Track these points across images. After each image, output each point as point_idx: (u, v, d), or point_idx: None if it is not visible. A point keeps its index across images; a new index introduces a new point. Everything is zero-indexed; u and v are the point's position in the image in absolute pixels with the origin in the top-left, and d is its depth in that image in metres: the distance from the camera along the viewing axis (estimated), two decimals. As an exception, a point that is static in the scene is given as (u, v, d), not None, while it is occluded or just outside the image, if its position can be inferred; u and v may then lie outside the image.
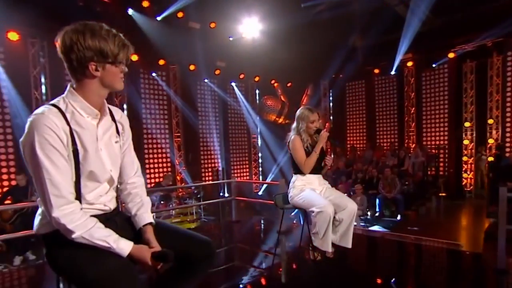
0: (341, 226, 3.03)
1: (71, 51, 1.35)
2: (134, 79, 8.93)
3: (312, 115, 3.14)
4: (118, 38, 1.44)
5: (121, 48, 1.43)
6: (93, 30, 1.39)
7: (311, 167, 3.10)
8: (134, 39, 6.02)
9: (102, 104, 1.49)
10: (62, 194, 1.31)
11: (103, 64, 1.40)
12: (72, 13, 7.37)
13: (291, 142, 3.14)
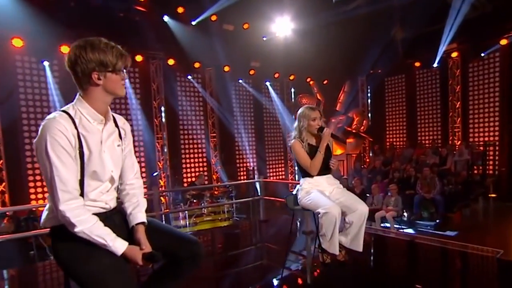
0: (351, 229, 2.97)
1: (76, 64, 1.53)
2: (171, 83, 9.35)
3: (313, 112, 3.07)
4: (115, 49, 1.60)
5: (119, 58, 1.60)
6: (93, 44, 1.56)
7: (318, 168, 3.02)
8: (170, 44, 6.39)
9: (107, 110, 1.66)
10: (68, 189, 1.48)
11: (104, 73, 1.57)
12: (115, 24, 7.93)
13: (292, 148, 3.10)
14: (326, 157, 3.08)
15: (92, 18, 7.66)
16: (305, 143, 3.05)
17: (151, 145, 9.00)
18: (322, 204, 2.87)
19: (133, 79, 8.94)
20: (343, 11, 9.20)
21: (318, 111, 3.12)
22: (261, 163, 10.60)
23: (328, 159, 3.11)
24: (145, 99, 9.04)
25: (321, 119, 3.08)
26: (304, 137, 3.06)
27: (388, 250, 4.22)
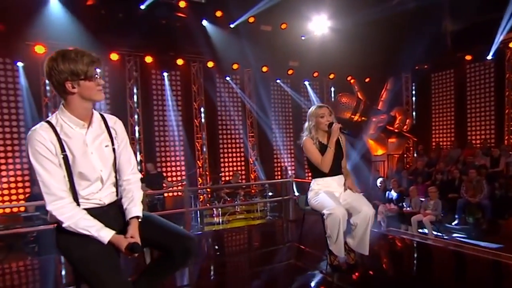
0: (357, 231, 2.93)
1: (50, 76, 1.66)
2: (210, 84, 9.71)
3: (321, 109, 3.07)
4: (86, 57, 1.67)
5: (90, 65, 1.67)
6: (64, 55, 1.64)
7: (329, 164, 2.99)
8: (209, 47, 6.69)
9: (89, 115, 1.77)
10: (52, 192, 1.65)
11: (77, 81, 1.66)
12: (158, 31, 8.45)
13: (303, 146, 3.09)
14: (337, 155, 3.05)
15: (138, 27, 8.21)
16: (315, 141, 3.05)
17: (191, 145, 9.43)
18: (327, 205, 2.87)
19: (174, 81, 9.45)
20: (386, 7, 8.88)
21: (327, 107, 3.11)
22: (298, 163, 10.60)
23: (339, 157, 3.09)
24: (186, 101, 9.51)
25: (330, 116, 3.07)
26: (314, 135, 3.07)
27: (422, 258, 3.99)
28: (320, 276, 3.28)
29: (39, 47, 7.50)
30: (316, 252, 3.94)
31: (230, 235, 5.83)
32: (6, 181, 7.57)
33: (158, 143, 9.13)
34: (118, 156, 1.86)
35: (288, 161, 10.70)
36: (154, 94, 9.13)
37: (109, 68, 8.60)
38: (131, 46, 8.58)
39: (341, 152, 3.10)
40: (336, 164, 3.05)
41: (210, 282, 3.55)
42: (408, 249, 4.38)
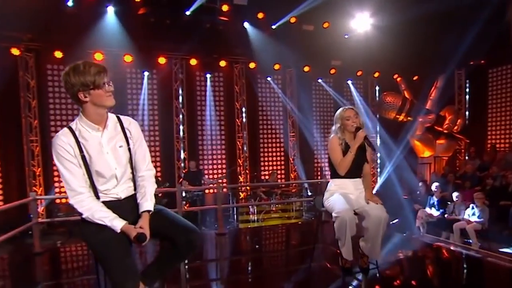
0: (368, 235, 2.93)
1: (66, 88, 1.92)
2: (252, 85, 9.95)
3: (346, 111, 3.10)
4: (93, 68, 1.89)
5: (97, 75, 1.88)
6: (74, 69, 1.88)
7: (347, 168, 3.02)
8: (251, 49, 6.93)
9: (104, 119, 2.00)
10: (72, 188, 1.92)
11: (88, 91, 1.89)
12: (203, 35, 8.84)
13: (329, 143, 3.15)
14: (358, 161, 3.06)
15: (183, 31, 8.72)
16: (342, 142, 3.08)
17: (232, 144, 9.75)
18: (337, 207, 2.90)
19: (217, 82, 9.83)
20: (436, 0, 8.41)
21: (352, 110, 3.13)
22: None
23: (360, 163, 3.09)
24: (228, 101, 9.84)
25: (357, 118, 3.08)
26: (341, 137, 3.09)
27: (460, 269, 3.83)
28: (349, 280, 3.26)
29: (98, 55, 8.27)
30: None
31: (262, 233, 6.02)
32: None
33: (200, 142, 9.59)
34: (133, 154, 2.08)
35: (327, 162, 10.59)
36: (198, 95, 9.58)
37: (157, 71, 9.23)
38: (177, 50, 9.10)
39: (362, 158, 3.12)
40: (355, 168, 3.07)
41: (240, 278, 3.74)
42: (444, 257, 4.20)
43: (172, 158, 9.26)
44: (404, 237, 5.32)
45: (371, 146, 3.12)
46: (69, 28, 7.65)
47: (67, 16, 7.76)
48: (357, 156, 3.06)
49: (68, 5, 7.75)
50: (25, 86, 8.17)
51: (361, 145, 3.09)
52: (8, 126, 7.99)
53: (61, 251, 5.37)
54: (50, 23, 7.54)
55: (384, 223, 2.91)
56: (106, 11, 8.07)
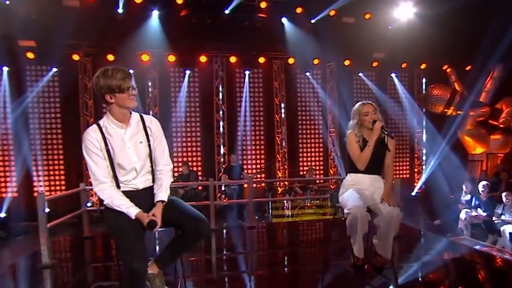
0: (380, 232, 2.90)
1: (96, 89, 2.18)
2: (291, 80, 9.97)
3: (365, 107, 3.03)
4: (120, 73, 2.12)
5: (123, 80, 2.12)
6: (103, 74, 2.12)
7: (365, 162, 2.97)
8: (290, 44, 7.14)
9: (127, 118, 2.24)
10: (96, 178, 2.19)
11: (113, 94, 2.13)
12: (241, 32, 9.07)
13: (346, 140, 3.11)
14: (377, 156, 3.00)
15: (223, 30, 9.01)
16: (359, 138, 3.03)
17: (271, 139, 9.86)
18: (348, 204, 2.87)
19: (256, 79, 10.00)
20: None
21: (371, 105, 3.06)
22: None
23: (379, 157, 3.03)
24: (267, 97, 9.97)
25: (375, 113, 3.01)
26: (358, 133, 3.04)
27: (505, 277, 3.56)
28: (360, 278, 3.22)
29: (144, 56, 8.89)
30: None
31: (291, 228, 6.10)
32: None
33: (240, 137, 9.84)
34: (153, 150, 2.30)
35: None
36: (238, 91, 9.82)
37: (198, 69, 9.63)
38: (218, 49, 9.42)
39: (382, 153, 3.03)
40: (374, 163, 3.01)
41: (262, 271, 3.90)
42: (486, 263, 3.92)
43: (212, 153, 9.64)
44: (443, 239, 5.07)
45: (389, 136, 3.01)
46: (119, 33, 8.30)
47: (118, 22, 8.43)
48: (376, 150, 2.99)
49: (119, 12, 8.39)
50: (83, 88, 9.02)
51: (380, 139, 3.02)
52: (71, 123, 8.89)
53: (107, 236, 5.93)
54: (103, 30, 8.25)
55: (396, 222, 2.85)
56: (151, 15, 8.60)
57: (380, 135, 2.99)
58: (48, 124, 8.80)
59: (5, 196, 8.18)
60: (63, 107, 8.87)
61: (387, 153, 3.08)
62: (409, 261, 3.75)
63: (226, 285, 3.57)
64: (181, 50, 9.19)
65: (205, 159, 9.62)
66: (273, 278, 3.69)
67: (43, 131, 8.75)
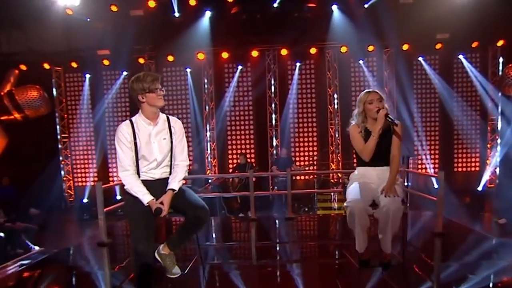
0: (379, 226, 2.84)
1: (130, 91, 2.58)
2: (344, 69, 9.67)
3: (369, 95, 2.96)
4: (149, 77, 2.51)
5: (151, 82, 2.49)
6: (136, 78, 2.53)
7: (370, 153, 2.90)
8: (341, 33, 7.20)
9: (156, 116, 2.58)
10: (122, 165, 2.55)
11: (144, 94, 2.50)
12: (291, 24, 9.10)
13: (349, 133, 3.08)
14: (382, 147, 2.93)
15: (273, 23, 9.15)
16: (361, 129, 2.99)
17: (324, 130, 9.72)
18: (349, 197, 2.87)
19: (308, 70, 9.92)
20: None
21: (376, 93, 2.98)
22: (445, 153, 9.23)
23: (385, 147, 2.94)
24: (320, 88, 9.83)
25: (380, 102, 2.93)
26: (361, 123, 3.00)
27: None
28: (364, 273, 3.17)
29: (200, 54, 9.50)
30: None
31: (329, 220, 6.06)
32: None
33: (292, 129, 9.92)
34: (174, 147, 2.65)
35: (432, 151, 9.48)
36: (289, 83, 9.87)
37: (251, 64, 9.93)
38: (269, 42, 9.58)
39: (387, 143, 2.94)
40: (379, 155, 2.93)
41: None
42: None
43: (265, 145, 9.90)
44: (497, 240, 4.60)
45: (393, 123, 2.88)
46: (177, 35, 9.00)
47: (175, 25, 9.13)
48: (382, 140, 2.91)
49: (175, 16, 9.10)
50: (149, 87, 10.01)
51: (385, 129, 2.93)
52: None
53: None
54: (163, 33, 9.07)
55: (395, 215, 2.75)
56: (205, 15, 9.13)
57: (384, 124, 2.89)
58: (121, 121, 10.00)
59: (87, 184, 9.62)
60: (131, 106, 9.98)
61: (393, 143, 2.97)
62: (444, 261, 3.52)
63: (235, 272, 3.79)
64: (233, 47, 9.58)
65: (258, 151, 9.94)
66: (283, 271, 3.81)
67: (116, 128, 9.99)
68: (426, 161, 9.34)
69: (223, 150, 10.01)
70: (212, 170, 9.91)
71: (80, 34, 9.11)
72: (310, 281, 3.34)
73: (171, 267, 2.77)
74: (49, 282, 3.67)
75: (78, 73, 9.94)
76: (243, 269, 3.64)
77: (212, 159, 10.00)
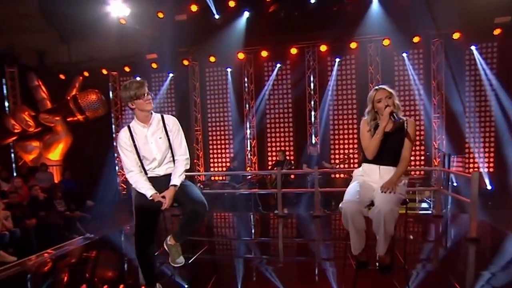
0: (373, 227, 2.74)
1: (122, 101, 3.20)
2: (387, 63, 9.19)
3: (378, 93, 2.86)
4: (134, 84, 2.68)
5: (137, 89, 2.67)
6: (124, 87, 2.72)
7: (373, 151, 2.82)
8: (384, 25, 7.24)
9: (148, 119, 2.79)
10: (126, 167, 2.82)
11: (133, 101, 2.70)
12: (330, 19, 8.90)
13: (360, 127, 2.98)
14: (391, 145, 2.83)
15: (311, 20, 9.07)
16: (371, 125, 2.89)
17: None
18: (345, 198, 2.80)
19: (349, 65, 9.63)
20: None
21: (385, 90, 2.86)
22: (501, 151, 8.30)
23: (392, 146, 2.83)
24: (361, 82, 9.44)
25: (390, 99, 2.81)
26: (371, 120, 2.90)
27: None
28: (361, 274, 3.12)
29: (240, 54, 9.77)
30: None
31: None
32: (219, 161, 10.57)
33: (332, 127, 9.72)
34: (172, 143, 2.85)
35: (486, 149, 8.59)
36: (329, 80, 9.66)
37: (290, 62, 9.93)
38: (307, 39, 9.49)
39: (397, 142, 2.83)
40: (389, 153, 2.84)
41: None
42: None
43: (304, 142, 9.81)
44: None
45: (396, 121, 2.75)
46: (217, 36, 9.36)
47: (216, 26, 9.49)
48: (391, 138, 2.82)
49: (215, 18, 9.46)
50: (193, 88, 10.54)
51: (397, 127, 2.84)
52: (184, 118, 10.55)
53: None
54: (205, 35, 9.48)
55: (387, 217, 2.63)
56: (243, 15, 9.35)
57: (390, 121, 2.77)
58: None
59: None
60: (177, 105, 10.58)
61: (405, 144, 2.85)
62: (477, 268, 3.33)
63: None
64: (272, 45, 9.66)
65: (297, 148, 9.91)
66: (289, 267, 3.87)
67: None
68: (480, 160, 8.52)
69: (262, 147, 10.17)
70: (252, 167, 10.13)
71: (131, 41, 9.94)
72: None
73: (176, 257, 2.96)
74: (94, 261, 4.38)
75: (130, 76, 10.77)
76: (260, 265, 3.77)
77: (252, 156, 10.22)
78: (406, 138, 2.85)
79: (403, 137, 2.84)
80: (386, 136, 2.85)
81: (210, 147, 10.54)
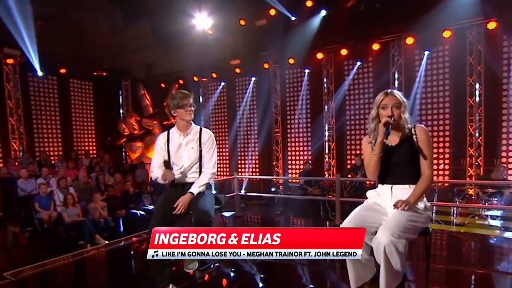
0: (376, 259, 2.36)
1: (167, 107, 3.37)
2: (491, 51, 7.69)
3: (386, 98, 2.44)
4: (180, 94, 2.94)
5: (181, 99, 2.92)
6: (171, 95, 3.03)
7: (373, 172, 2.50)
8: (471, 8, 6.28)
9: (187, 128, 3.01)
10: (153, 165, 3.07)
11: (175, 109, 2.95)
12: (416, 9, 7.91)
13: None
14: (398, 159, 2.46)
15: (395, 10, 8.26)
16: (373, 137, 2.50)
17: (461, 128, 8.05)
18: (347, 219, 2.48)
19: (441, 57, 8.41)
20: None
21: (394, 96, 2.45)
22: None
23: (400, 162, 2.46)
24: (456, 77, 8.15)
25: (398, 108, 2.41)
26: (373, 130, 2.51)
27: None
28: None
29: (319, 54, 9.55)
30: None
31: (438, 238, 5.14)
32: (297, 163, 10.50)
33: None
34: (203, 156, 3.05)
35: None
36: (417, 75, 8.60)
37: (372, 58, 9.22)
38: (392, 31, 8.65)
39: (405, 154, 2.45)
40: (397, 170, 2.48)
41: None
42: None
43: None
44: None
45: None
46: (295, 37, 9.35)
47: (293, 28, 9.48)
48: (395, 153, 2.46)
49: (292, 19, 9.46)
50: (274, 90, 10.72)
51: (404, 139, 2.45)
52: (265, 122, 10.83)
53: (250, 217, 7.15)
54: (284, 37, 9.56)
55: (387, 250, 2.23)
56: (320, 13, 9.09)
57: (402, 133, 2.44)
58: (252, 121, 11.11)
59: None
60: (260, 107, 10.83)
61: (421, 156, 2.42)
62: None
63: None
64: (353, 42, 9.13)
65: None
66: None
67: (243, 128, 11.16)
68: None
69: (342, 150, 9.71)
70: (331, 170, 9.77)
71: (217, 49, 10.67)
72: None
73: (188, 263, 3.13)
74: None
75: (217, 82, 11.62)
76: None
77: (330, 159, 9.85)
78: (420, 150, 2.41)
79: (414, 149, 2.43)
80: (391, 150, 2.48)
81: (289, 149, 10.55)
